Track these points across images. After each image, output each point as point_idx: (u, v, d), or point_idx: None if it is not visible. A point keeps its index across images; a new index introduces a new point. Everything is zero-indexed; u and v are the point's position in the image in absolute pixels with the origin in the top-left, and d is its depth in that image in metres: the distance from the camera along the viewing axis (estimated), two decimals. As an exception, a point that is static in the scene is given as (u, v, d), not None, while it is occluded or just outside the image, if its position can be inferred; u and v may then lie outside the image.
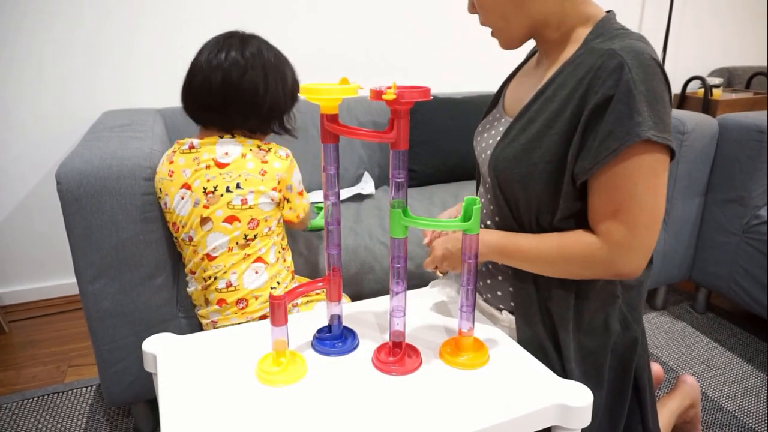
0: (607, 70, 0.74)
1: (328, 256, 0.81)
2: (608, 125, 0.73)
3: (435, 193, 1.90)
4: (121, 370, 1.26)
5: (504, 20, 0.84)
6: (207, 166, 1.09)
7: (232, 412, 0.69)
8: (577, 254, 0.80)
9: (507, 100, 0.96)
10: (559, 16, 0.83)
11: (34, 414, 1.46)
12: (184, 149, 1.12)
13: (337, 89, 0.72)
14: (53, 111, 1.92)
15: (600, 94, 0.74)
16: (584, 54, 0.79)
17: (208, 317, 1.17)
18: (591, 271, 0.81)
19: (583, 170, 0.76)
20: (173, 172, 1.12)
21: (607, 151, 0.74)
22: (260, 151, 1.12)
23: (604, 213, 0.77)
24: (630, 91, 0.72)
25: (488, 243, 0.86)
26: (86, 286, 1.17)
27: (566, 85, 0.79)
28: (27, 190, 1.97)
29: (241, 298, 1.12)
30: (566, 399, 0.72)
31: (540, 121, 0.81)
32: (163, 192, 1.14)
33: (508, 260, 0.86)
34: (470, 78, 2.54)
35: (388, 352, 0.80)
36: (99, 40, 1.90)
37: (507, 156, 0.83)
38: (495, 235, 0.86)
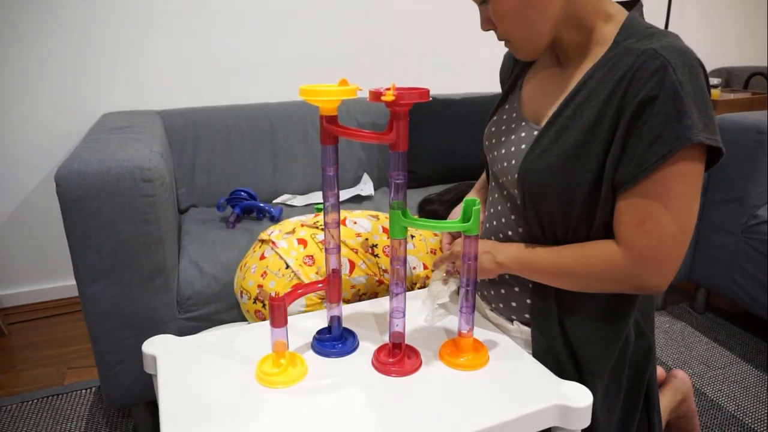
0: (649, 71, 0.69)
1: (327, 257, 0.81)
2: (655, 129, 0.68)
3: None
4: (121, 371, 1.26)
5: (528, 27, 0.78)
6: None
7: (232, 414, 0.69)
8: (598, 266, 0.76)
9: (524, 102, 0.90)
10: (580, 16, 0.78)
11: (34, 416, 1.46)
12: None
13: (336, 91, 0.72)
14: (52, 113, 1.92)
15: (641, 95, 0.69)
16: (618, 55, 0.74)
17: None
18: (613, 285, 0.77)
19: (627, 178, 0.72)
20: None
21: (655, 156, 0.69)
22: None
23: (631, 221, 0.73)
24: (677, 93, 0.67)
25: (507, 253, 0.84)
26: (86, 288, 1.17)
27: (601, 88, 0.75)
28: (26, 192, 1.97)
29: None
30: (566, 400, 0.72)
31: (576, 128, 0.76)
32: None
33: (529, 273, 0.83)
34: (469, 79, 2.54)
35: (388, 353, 0.80)
36: (98, 42, 1.90)
37: (541, 167, 0.78)
38: (515, 248, 0.84)
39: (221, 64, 2.06)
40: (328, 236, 0.80)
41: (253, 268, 1.19)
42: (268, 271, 1.16)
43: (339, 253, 0.81)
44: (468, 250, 0.75)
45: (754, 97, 2.81)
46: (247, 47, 2.06)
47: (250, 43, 2.06)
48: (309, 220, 1.26)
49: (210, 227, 1.59)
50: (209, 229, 1.57)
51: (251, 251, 1.26)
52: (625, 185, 0.72)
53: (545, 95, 0.86)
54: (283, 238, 1.20)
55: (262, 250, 1.21)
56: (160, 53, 1.99)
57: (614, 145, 0.72)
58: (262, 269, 1.17)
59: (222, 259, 1.39)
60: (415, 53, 2.39)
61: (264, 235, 1.25)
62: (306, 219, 1.28)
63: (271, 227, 1.27)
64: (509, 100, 0.94)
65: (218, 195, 1.84)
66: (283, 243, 1.19)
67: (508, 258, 0.83)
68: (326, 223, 0.80)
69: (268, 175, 1.92)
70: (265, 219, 1.66)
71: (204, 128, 1.87)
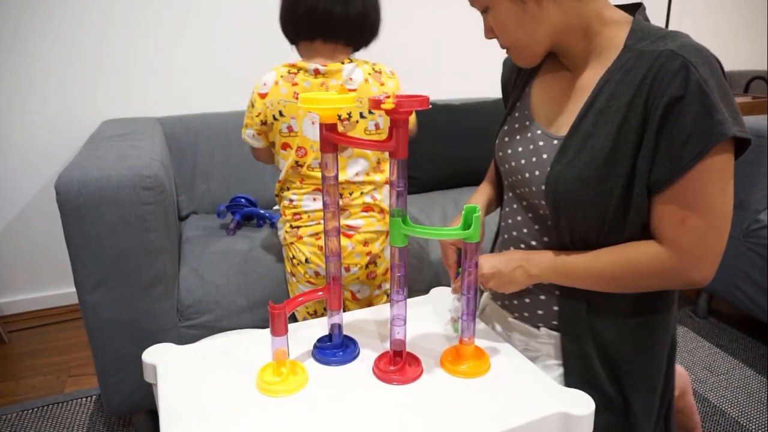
0: (671, 72, 0.70)
1: (327, 265, 0.81)
2: (686, 128, 0.69)
3: (435, 199, 1.90)
4: (121, 380, 1.26)
5: (527, 36, 0.81)
6: (337, 92, 1.13)
7: (232, 423, 0.69)
8: (645, 267, 0.76)
9: (535, 108, 0.90)
10: (583, 23, 0.79)
11: (34, 425, 1.45)
12: (309, 73, 1.17)
13: (335, 99, 0.72)
14: (52, 120, 1.93)
15: (667, 96, 0.70)
16: (633, 59, 0.75)
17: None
18: (659, 282, 0.78)
19: (663, 178, 0.72)
20: (299, 94, 1.11)
21: (690, 155, 0.70)
22: (376, 74, 1.23)
23: (672, 220, 0.74)
24: (702, 90, 0.68)
25: (540, 264, 0.83)
26: (86, 296, 1.17)
27: (621, 93, 0.75)
28: (26, 200, 1.98)
29: (383, 209, 1.28)
30: (568, 407, 0.71)
31: (601, 135, 0.76)
32: (287, 115, 1.16)
33: (564, 279, 0.83)
34: (469, 84, 2.54)
35: (389, 361, 0.80)
36: (98, 49, 1.91)
37: (571, 178, 0.78)
38: (547, 258, 0.83)
39: (221, 70, 2.06)
40: (329, 244, 0.80)
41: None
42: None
43: (339, 261, 0.81)
44: (469, 258, 0.75)
45: (754, 102, 2.81)
46: (248, 53, 2.07)
47: (250, 49, 2.06)
48: None
49: (210, 234, 1.59)
50: (210, 236, 1.57)
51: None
52: (662, 186, 0.73)
53: (558, 101, 0.86)
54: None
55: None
56: (159, 60, 1.99)
57: (644, 147, 0.73)
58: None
59: (222, 267, 1.39)
60: (414, 59, 2.40)
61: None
62: None
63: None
64: (518, 107, 0.93)
65: (218, 202, 1.84)
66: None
67: (542, 270, 0.83)
68: (326, 231, 0.79)
69: (268, 181, 1.92)
70: (266, 226, 1.66)
71: (204, 135, 1.87)
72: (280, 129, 1.21)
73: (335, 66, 1.19)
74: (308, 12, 1.16)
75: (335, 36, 1.19)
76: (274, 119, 1.20)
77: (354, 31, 1.21)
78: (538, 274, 0.84)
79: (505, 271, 0.84)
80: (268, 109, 1.20)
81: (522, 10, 0.78)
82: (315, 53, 1.22)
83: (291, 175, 1.25)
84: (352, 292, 1.33)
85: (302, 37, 1.22)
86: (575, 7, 0.78)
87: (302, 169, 1.23)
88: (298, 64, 1.20)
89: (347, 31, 1.19)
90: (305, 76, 1.19)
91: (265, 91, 1.19)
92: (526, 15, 0.78)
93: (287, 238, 1.28)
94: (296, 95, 1.17)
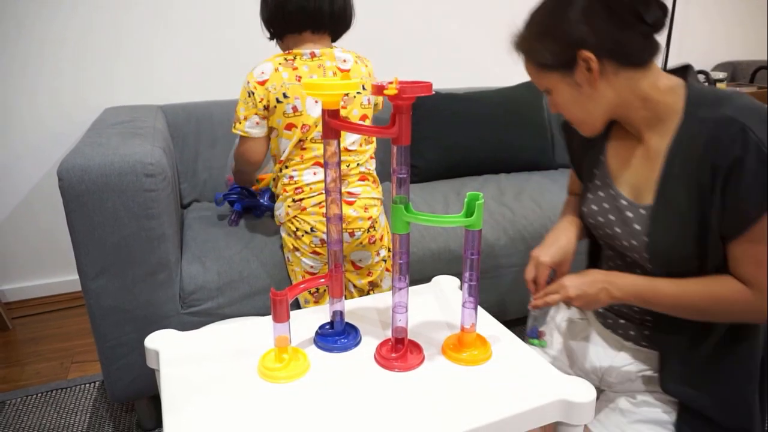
0: (730, 136, 0.77)
1: (330, 252, 0.81)
2: (749, 186, 0.77)
3: (437, 188, 1.90)
4: (124, 366, 1.27)
5: (586, 114, 0.90)
6: (333, 72, 1.31)
7: (234, 409, 0.69)
8: (730, 302, 0.83)
9: (615, 177, 0.97)
10: (639, 95, 0.87)
11: (38, 410, 1.47)
12: (305, 58, 1.29)
13: (338, 84, 0.71)
14: (55, 108, 1.92)
15: (729, 159, 0.77)
16: (695, 127, 0.83)
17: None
18: (742, 317, 0.85)
19: (735, 230, 0.81)
20: (301, 77, 1.27)
21: (755, 208, 0.78)
22: (361, 59, 1.38)
23: (750, 264, 0.81)
24: (760, 150, 0.75)
25: (624, 288, 0.89)
26: (89, 283, 1.18)
27: (690, 159, 0.83)
28: (29, 187, 1.98)
29: (375, 179, 1.41)
30: (569, 395, 0.71)
31: (683, 199, 0.84)
32: (291, 96, 1.27)
33: (645, 304, 0.89)
34: (473, 73, 2.53)
35: (391, 348, 0.80)
36: (100, 37, 1.90)
37: (668, 243, 0.87)
38: (630, 279, 0.90)
39: (223, 58, 2.05)
40: (331, 230, 0.80)
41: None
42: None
43: (342, 247, 0.81)
44: (470, 245, 0.75)
45: (759, 92, 2.79)
46: (250, 41, 2.05)
47: (252, 36, 2.05)
48: None
49: (212, 222, 1.59)
50: (212, 223, 1.57)
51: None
52: (735, 236, 0.81)
53: (634, 169, 0.94)
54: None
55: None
56: (161, 48, 1.98)
57: (714, 205, 0.81)
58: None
59: (225, 254, 1.39)
60: (418, 48, 2.38)
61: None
62: None
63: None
64: (597, 176, 1.00)
65: (221, 189, 1.84)
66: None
67: (626, 293, 0.89)
68: (328, 217, 0.79)
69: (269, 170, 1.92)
70: (266, 216, 1.66)
71: (206, 123, 1.87)
72: (284, 110, 1.28)
73: (328, 50, 1.32)
74: (299, 9, 1.27)
75: (323, 28, 1.32)
76: (277, 101, 1.27)
77: (337, 23, 1.34)
78: (620, 296, 0.90)
79: (590, 292, 0.90)
80: (270, 93, 1.27)
81: (579, 92, 0.88)
82: (303, 42, 1.32)
83: (294, 154, 1.31)
84: (353, 261, 1.39)
85: (291, 30, 1.32)
86: (629, 83, 0.86)
87: (305, 143, 1.30)
88: (293, 51, 1.30)
89: (333, 23, 1.32)
90: (303, 61, 1.29)
91: (265, 78, 1.27)
92: (583, 96, 0.88)
93: (290, 212, 1.32)
94: (299, 78, 1.27)
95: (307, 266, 1.34)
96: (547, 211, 1.73)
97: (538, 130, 2.16)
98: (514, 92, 2.19)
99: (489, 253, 1.62)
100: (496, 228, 1.65)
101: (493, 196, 1.82)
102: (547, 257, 0.98)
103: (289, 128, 1.29)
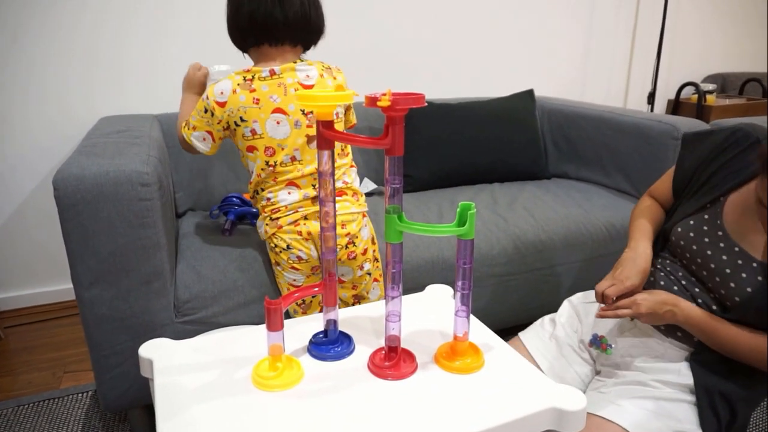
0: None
1: (323, 261, 0.82)
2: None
3: (431, 198, 1.91)
4: (118, 375, 1.26)
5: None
6: (295, 89, 1.24)
7: (228, 417, 0.69)
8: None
9: (728, 221, 1.01)
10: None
11: (30, 420, 1.46)
12: (263, 76, 1.24)
13: (332, 96, 0.72)
14: (50, 117, 1.93)
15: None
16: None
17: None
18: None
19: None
20: (259, 99, 1.23)
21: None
22: (327, 70, 1.32)
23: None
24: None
25: (689, 315, 0.97)
26: (83, 292, 1.18)
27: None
28: (24, 196, 1.98)
29: (355, 191, 1.37)
30: (561, 403, 0.72)
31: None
32: (249, 120, 1.24)
33: (701, 335, 0.97)
34: (466, 84, 2.55)
35: (384, 356, 0.80)
36: (95, 46, 1.91)
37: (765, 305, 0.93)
38: (697, 311, 0.97)
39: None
40: (325, 239, 0.81)
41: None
42: None
43: (335, 256, 0.82)
44: (463, 254, 0.76)
45: (749, 103, 2.83)
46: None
47: (248, 47, 2.07)
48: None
49: (207, 231, 1.59)
50: (207, 232, 1.58)
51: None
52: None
53: (746, 222, 0.98)
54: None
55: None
56: (157, 57, 1.99)
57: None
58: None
59: (219, 264, 1.40)
60: (412, 58, 2.40)
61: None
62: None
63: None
64: (709, 209, 1.04)
65: (216, 198, 1.84)
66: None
67: (688, 320, 0.97)
68: (322, 227, 0.80)
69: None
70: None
71: (202, 132, 1.87)
72: (243, 133, 1.26)
73: (288, 65, 1.26)
74: (249, 18, 1.22)
75: (280, 38, 1.25)
76: (236, 125, 1.26)
77: (297, 32, 1.26)
78: (682, 321, 0.98)
79: (659, 312, 0.98)
80: (228, 116, 1.25)
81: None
82: (265, 57, 1.28)
83: (264, 176, 1.30)
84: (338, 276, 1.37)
85: (249, 43, 1.28)
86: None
87: (276, 168, 1.28)
88: (252, 69, 1.26)
89: (290, 32, 1.25)
90: (261, 80, 1.25)
91: (224, 100, 1.25)
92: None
93: (268, 230, 1.32)
94: (256, 100, 1.23)
95: (290, 279, 1.34)
96: (540, 220, 1.75)
97: (532, 140, 2.18)
98: (508, 102, 2.21)
99: (482, 262, 1.63)
100: (489, 237, 1.66)
101: (486, 205, 1.84)
102: (636, 281, 1.03)
103: (251, 150, 1.28)
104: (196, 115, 1.30)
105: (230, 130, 1.29)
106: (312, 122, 1.26)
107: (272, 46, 1.27)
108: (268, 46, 1.27)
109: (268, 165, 1.28)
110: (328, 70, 1.33)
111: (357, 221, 1.33)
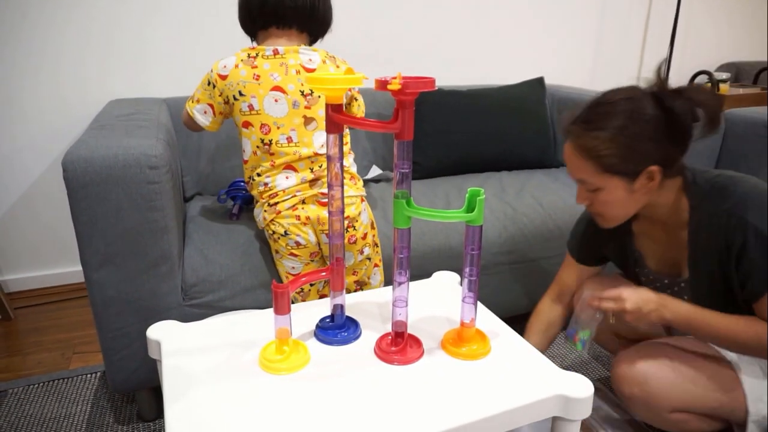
0: (732, 228, 0.95)
1: (331, 246, 0.82)
2: (754, 263, 0.94)
3: (439, 185, 1.90)
4: (126, 357, 1.28)
5: (623, 212, 1.04)
6: (297, 71, 1.27)
7: (234, 400, 0.70)
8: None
9: (649, 259, 1.16)
10: (669, 199, 1.03)
11: (40, 399, 1.48)
12: (267, 54, 1.27)
13: (342, 79, 0.72)
14: (58, 100, 1.93)
15: (736, 246, 0.95)
16: (704, 218, 1.00)
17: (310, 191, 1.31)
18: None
19: (754, 295, 0.96)
20: (259, 75, 1.26)
21: (760, 284, 0.94)
22: (331, 58, 1.34)
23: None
24: (758, 233, 0.92)
25: (675, 312, 0.99)
26: (92, 274, 1.18)
27: (706, 245, 1.00)
28: (33, 178, 1.98)
29: (353, 175, 1.38)
30: (567, 390, 0.72)
31: (709, 274, 1.02)
32: (247, 95, 1.26)
33: (691, 331, 0.99)
34: (475, 71, 2.53)
35: (391, 341, 0.81)
36: (104, 29, 1.90)
37: (708, 304, 1.00)
38: (684, 306, 0.99)
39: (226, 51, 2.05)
40: (332, 224, 0.80)
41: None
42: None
43: (343, 240, 0.82)
44: (471, 240, 0.75)
45: (762, 93, 2.79)
46: (254, 36, 2.06)
47: (256, 31, 2.06)
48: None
49: (215, 215, 1.60)
50: (214, 216, 1.58)
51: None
52: (756, 299, 0.96)
53: (663, 251, 1.12)
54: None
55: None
56: (166, 40, 1.98)
57: (734, 277, 0.98)
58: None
59: (227, 247, 1.40)
60: (421, 44, 2.38)
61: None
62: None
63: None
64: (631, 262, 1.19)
65: (223, 183, 1.84)
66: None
67: (676, 317, 0.99)
68: (330, 212, 0.80)
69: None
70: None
71: (210, 116, 1.87)
72: (240, 108, 1.29)
73: (293, 47, 1.29)
74: (261, 3, 1.28)
75: (288, 23, 1.30)
76: (234, 99, 1.28)
77: (304, 19, 1.31)
78: (671, 319, 0.99)
79: (644, 310, 0.98)
80: (228, 89, 1.28)
81: (629, 196, 1.00)
82: (272, 39, 1.31)
83: (260, 157, 1.31)
84: None
85: (258, 26, 1.32)
86: (669, 189, 1.02)
87: (271, 146, 1.29)
88: (257, 48, 1.29)
89: (297, 17, 1.30)
90: (264, 58, 1.28)
91: (226, 73, 1.28)
92: (631, 199, 1.01)
93: (267, 217, 1.32)
94: (257, 77, 1.26)
95: (289, 267, 1.34)
96: (548, 208, 1.74)
97: (540, 129, 2.17)
98: (517, 90, 2.19)
99: (489, 250, 1.62)
100: (497, 225, 1.65)
101: (494, 193, 1.83)
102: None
103: (246, 126, 1.29)
104: (200, 88, 1.33)
105: (229, 105, 1.31)
106: (311, 104, 1.28)
107: (279, 29, 1.31)
108: (275, 28, 1.31)
109: (263, 143, 1.29)
110: (332, 58, 1.35)
111: (355, 204, 1.33)
